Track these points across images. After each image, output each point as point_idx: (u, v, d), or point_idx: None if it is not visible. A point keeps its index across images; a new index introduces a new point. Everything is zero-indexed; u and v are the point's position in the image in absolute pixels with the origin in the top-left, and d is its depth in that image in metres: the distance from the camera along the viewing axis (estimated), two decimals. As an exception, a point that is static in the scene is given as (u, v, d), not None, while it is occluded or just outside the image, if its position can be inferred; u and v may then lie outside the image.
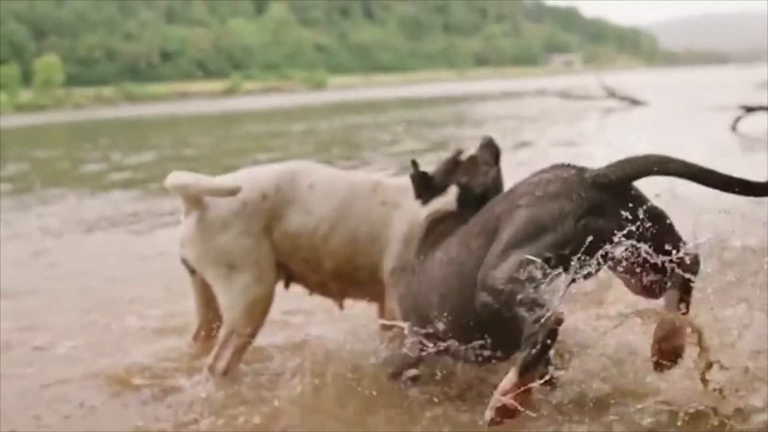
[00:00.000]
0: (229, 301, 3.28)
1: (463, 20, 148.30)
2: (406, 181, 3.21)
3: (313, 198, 3.29)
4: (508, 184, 2.90)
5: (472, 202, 2.93)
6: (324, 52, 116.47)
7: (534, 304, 2.22)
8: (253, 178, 3.38)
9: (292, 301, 3.79)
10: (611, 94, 24.04)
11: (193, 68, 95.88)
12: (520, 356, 2.25)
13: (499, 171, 3.13)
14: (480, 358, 2.68)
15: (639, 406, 2.67)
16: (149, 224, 7.85)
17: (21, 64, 75.37)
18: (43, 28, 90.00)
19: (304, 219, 3.28)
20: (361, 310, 3.74)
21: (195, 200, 3.31)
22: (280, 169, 3.43)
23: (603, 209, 2.37)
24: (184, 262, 3.38)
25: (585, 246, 2.31)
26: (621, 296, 3.22)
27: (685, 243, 2.44)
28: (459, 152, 3.15)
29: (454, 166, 3.10)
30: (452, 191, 3.03)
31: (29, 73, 73.85)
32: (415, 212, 3.14)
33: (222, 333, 3.30)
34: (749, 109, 13.40)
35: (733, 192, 2.37)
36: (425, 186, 3.08)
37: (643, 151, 2.45)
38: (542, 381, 2.33)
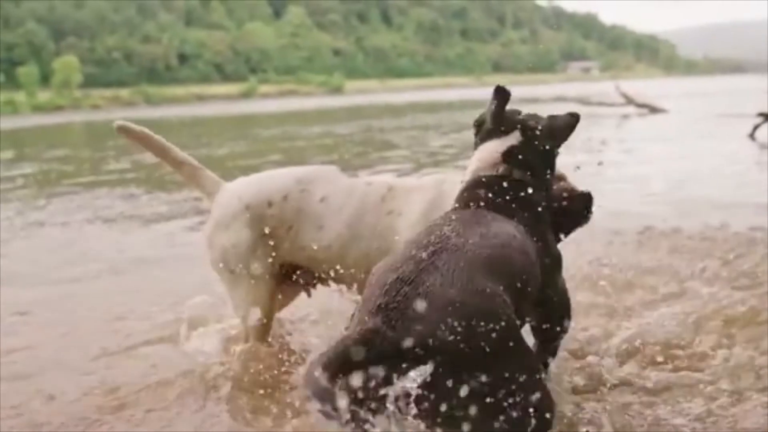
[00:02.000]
0: (234, 302, 3.27)
1: (481, 26, 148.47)
2: (415, 182, 3.15)
3: (326, 213, 3.19)
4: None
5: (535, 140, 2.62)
6: (341, 56, 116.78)
7: None
8: (263, 182, 3.32)
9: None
10: (630, 101, 23.92)
11: (210, 71, 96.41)
12: None
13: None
14: None
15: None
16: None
17: (39, 64, 76.03)
18: (62, 29, 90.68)
19: (317, 234, 3.19)
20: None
21: (206, 195, 3.36)
22: (292, 177, 3.31)
23: None
24: None
25: None
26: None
27: None
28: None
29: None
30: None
31: (48, 73, 74.45)
32: (417, 216, 3.08)
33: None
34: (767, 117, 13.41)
35: None
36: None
37: (661, 157, 2.42)
38: None
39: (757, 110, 13.69)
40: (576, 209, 2.79)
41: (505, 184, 2.54)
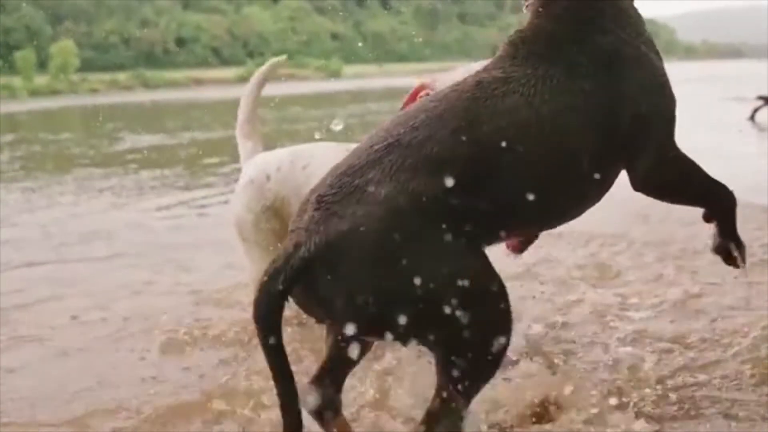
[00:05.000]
0: (247, 269, 3.38)
1: (479, 10, 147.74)
2: None
3: (308, 180, 3.14)
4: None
5: None
6: (339, 40, 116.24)
7: None
8: (267, 157, 3.44)
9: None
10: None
11: (208, 55, 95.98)
12: None
13: None
14: None
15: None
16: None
17: (36, 49, 75.52)
18: (59, 14, 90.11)
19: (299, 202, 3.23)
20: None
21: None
22: (288, 150, 3.43)
23: None
24: None
25: None
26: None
27: None
28: None
29: None
30: None
31: (45, 58, 74.01)
32: None
33: None
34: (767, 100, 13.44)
35: None
36: None
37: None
38: None
39: (756, 94, 13.72)
40: None
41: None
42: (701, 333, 3.34)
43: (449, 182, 1.93)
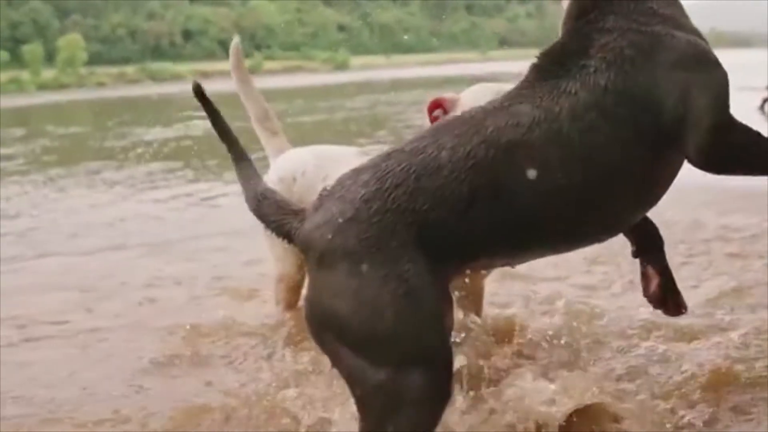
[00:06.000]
0: (272, 263, 3.38)
1: (487, 1, 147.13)
2: None
3: None
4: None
5: None
6: (346, 32, 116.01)
7: None
8: (294, 157, 3.42)
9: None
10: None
11: (215, 47, 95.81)
12: None
13: None
14: None
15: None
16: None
17: (44, 42, 75.55)
18: (67, 7, 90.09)
19: None
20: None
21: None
22: (313, 154, 3.38)
23: None
24: None
25: None
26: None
27: None
28: None
29: None
30: None
31: (52, 51, 74.04)
32: None
33: None
34: (777, 89, 13.43)
35: None
36: None
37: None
38: None
39: (766, 83, 13.66)
40: None
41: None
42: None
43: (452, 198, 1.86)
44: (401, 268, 1.78)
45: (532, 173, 1.87)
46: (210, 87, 2.05)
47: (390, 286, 1.76)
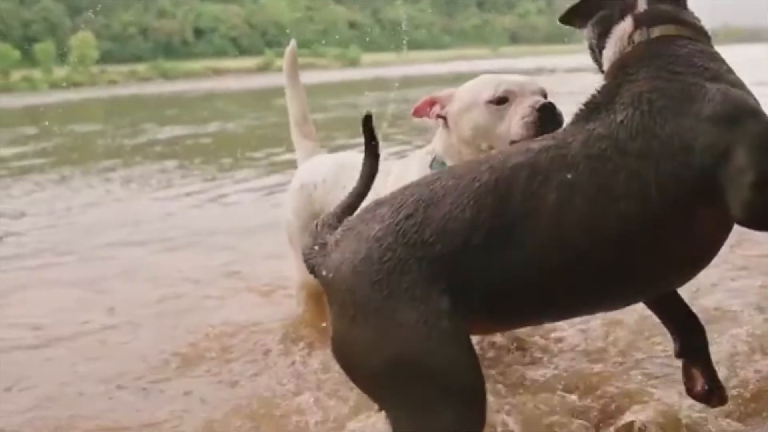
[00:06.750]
0: (294, 268, 3.37)
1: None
2: (407, 160, 3.10)
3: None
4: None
5: None
6: (357, 29, 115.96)
7: None
8: (319, 162, 3.41)
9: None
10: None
11: (226, 45, 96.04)
12: None
13: None
14: None
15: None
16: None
17: (56, 41, 75.83)
18: (78, 6, 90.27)
19: None
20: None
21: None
22: (335, 162, 3.36)
23: None
24: None
25: None
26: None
27: None
28: None
29: None
30: None
31: (64, 50, 74.35)
32: None
33: None
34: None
35: None
36: None
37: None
38: None
39: (778, 77, 13.59)
40: None
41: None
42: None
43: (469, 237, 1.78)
44: (413, 314, 1.72)
45: (537, 199, 1.80)
46: (222, 85, 1.99)
47: (404, 334, 1.72)
